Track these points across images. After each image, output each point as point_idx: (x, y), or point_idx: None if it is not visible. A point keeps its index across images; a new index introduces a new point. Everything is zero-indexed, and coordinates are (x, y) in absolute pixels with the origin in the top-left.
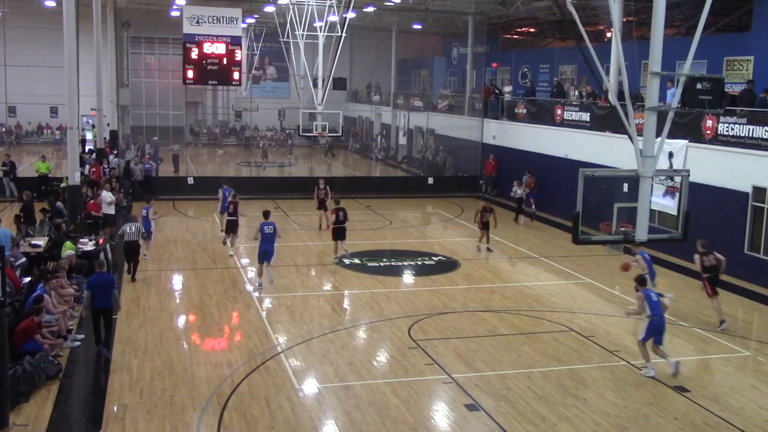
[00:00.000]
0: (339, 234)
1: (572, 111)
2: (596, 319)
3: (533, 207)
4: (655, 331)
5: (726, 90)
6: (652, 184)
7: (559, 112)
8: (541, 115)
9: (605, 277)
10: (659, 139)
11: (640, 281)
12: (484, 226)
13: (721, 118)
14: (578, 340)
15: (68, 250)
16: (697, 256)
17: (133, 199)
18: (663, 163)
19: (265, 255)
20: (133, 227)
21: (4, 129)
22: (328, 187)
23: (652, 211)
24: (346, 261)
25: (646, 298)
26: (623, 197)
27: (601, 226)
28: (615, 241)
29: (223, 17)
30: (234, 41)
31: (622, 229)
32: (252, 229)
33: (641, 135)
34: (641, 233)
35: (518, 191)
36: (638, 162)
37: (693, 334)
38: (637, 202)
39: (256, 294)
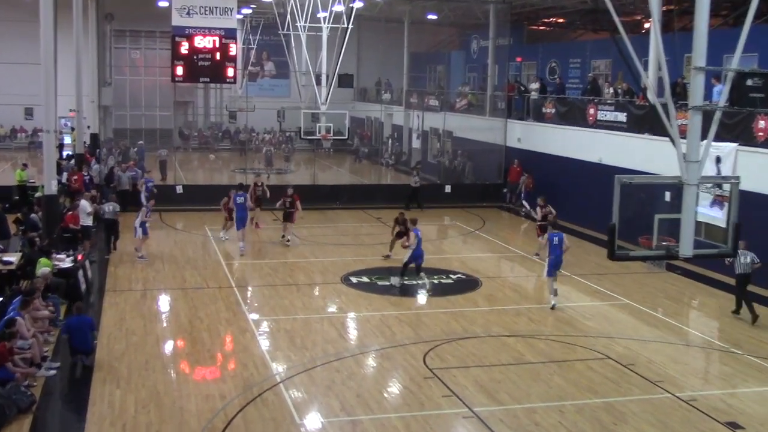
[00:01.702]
0: (288, 217)
1: (606, 110)
2: (636, 346)
3: (528, 207)
4: (417, 257)
5: None
6: (698, 193)
7: (591, 111)
8: (572, 116)
9: (646, 297)
10: (705, 142)
11: (413, 221)
12: (399, 237)
13: None
14: (616, 369)
15: (43, 267)
16: (538, 208)
17: (121, 209)
18: (710, 169)
19: (242, 221)
20: (110, 207)
21: None
22: (265, 185)
23: (697, 223)
24: (353, 279)
25: (416, 234)
26: (665, 208)
27: (640, 240)
28: (656, 257)
29: (216, 8)
30: (228, 34)
31: (664, 243)
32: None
33: (684, 137)
34: (686, 248)
35: (418, 180)
36: (681, 168)
37: (746, 363)
38: (680, 213)
39: (241, 254)
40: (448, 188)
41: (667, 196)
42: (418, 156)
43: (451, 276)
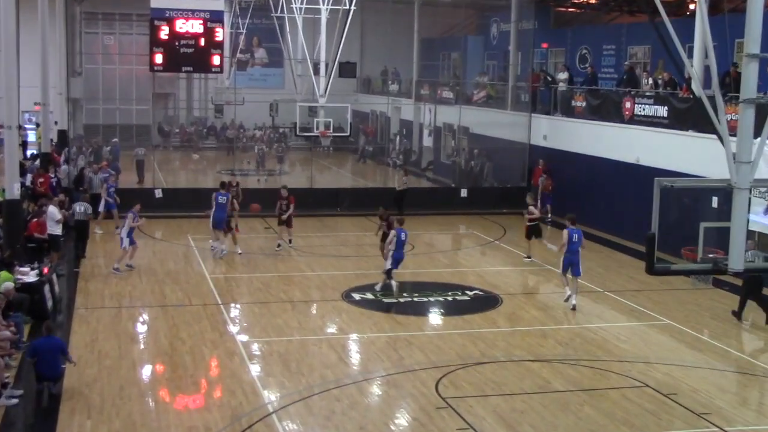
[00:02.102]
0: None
1: (645, 104)
2: (679, 372)
3: (549, 214)
4: (397, 261)
5: None
6: (750, 198)
7: (628, 105)
8: (606, 110)
9: (689, 317)
10: (758, 140)
11: (400, 222)
12: (383, 239)
13: None
14: (655, 398)
15: (4, 281)
16: (532, 207)
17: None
18: (764, 171)
19: (220, 222)
20: (81, 207)
21: None
22: (239, 186)
23: (749, 232)
24: (356, 296)
25: (397, 235)
26: (712, 215)
27: (683, 251)
28: (701, 272)
29: None
30: (214, 17)
31: (711, 255)
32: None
33: (735, 135)
34: (736, 261)
35: (406, 182)
36: (731, 169)
37: None
38: (729, 222)
39: (221, 254)
40: (463, 192)
41: (715, 201)
42: (429, 155)
43: (467, 292)
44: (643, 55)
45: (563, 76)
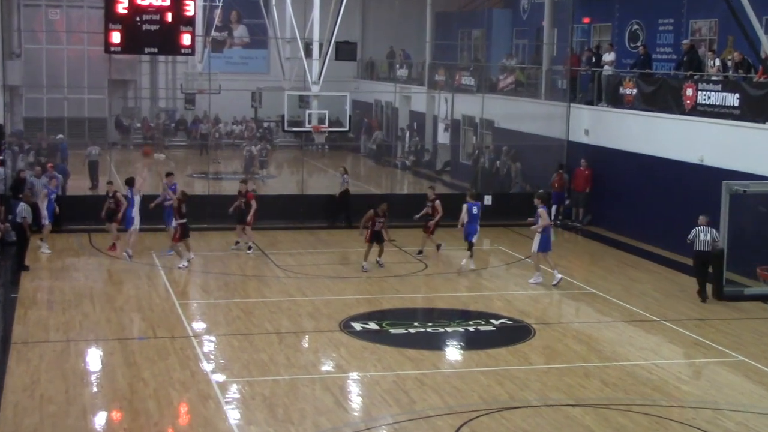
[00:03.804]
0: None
1: (710, 91)
2: (756, 421)
3: (559, 217)
4: (468, 234)
5: None
6: None
7: (689, 92)
8: (662, 98)
9: None
10: None
11: (472, 196)
12: (375, 238)
13: None
14: None
15: None
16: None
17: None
18: None
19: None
20: (21, 207)
21: None
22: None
23: None
24: (357, 326)
25: (468, 208)
26: None
27: (759, 271)
28: None
29: None
30: None
31: None
32: None
33: None
34: None
35: (347, 180)
36: None
37: None
38: None
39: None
40: (488, 199)
41: None
42: (446, 155)
43: (493, 321)
44: (708, 31)
45: (609, 57)
